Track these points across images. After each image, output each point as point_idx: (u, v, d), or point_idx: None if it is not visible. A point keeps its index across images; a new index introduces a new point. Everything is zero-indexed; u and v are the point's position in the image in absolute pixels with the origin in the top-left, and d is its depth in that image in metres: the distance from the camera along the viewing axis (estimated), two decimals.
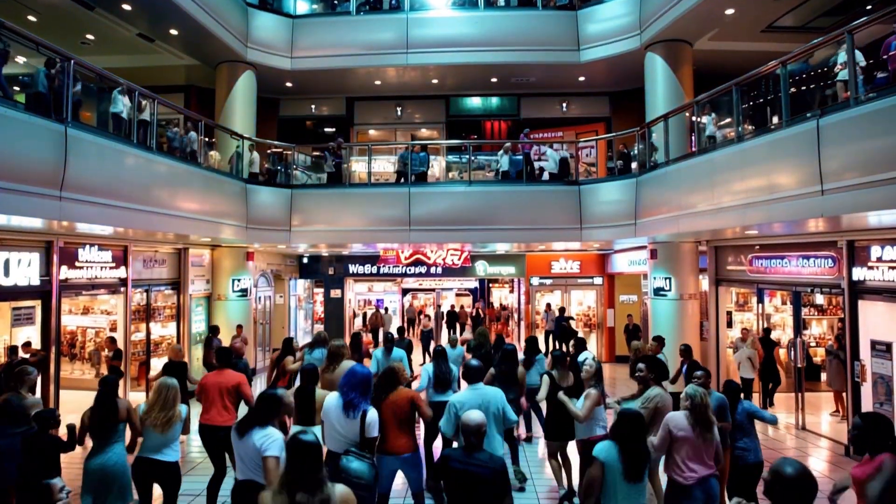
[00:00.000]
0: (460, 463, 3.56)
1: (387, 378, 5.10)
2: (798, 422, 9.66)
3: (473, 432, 3.70)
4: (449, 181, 13.72)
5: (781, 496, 2.48)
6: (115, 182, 8.11)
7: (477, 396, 5.06)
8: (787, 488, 2.46)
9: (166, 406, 4.97)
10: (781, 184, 7.32)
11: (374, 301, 24.09)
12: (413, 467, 5.03)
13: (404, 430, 4.99)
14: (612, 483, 3.66)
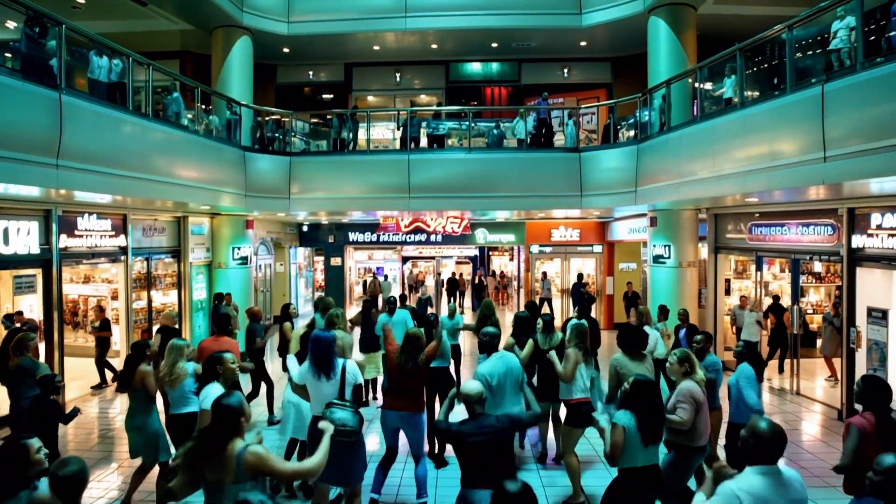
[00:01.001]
0: (475, 435, 3.72)
1: (413, 343, 5.27)
2: (792, 387, 9.80)
3: (476, 401, 3.86)
4: (448, 148, 13.61)
5: (753, 448, 2.74)
6: (111, 150, 8.05)
7: (502, 364, 5.22)
8: (759, 440, 2.73)
9: (167, 364, 5.27)
10: (783, 151, 7.27)
11: (374, 269, 24.19)
12: (412, 428, 5.21)
13: (409, 391, 5.20)
14: (632, 446, 3.78)
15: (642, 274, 15.99)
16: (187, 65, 15.01)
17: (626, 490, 3.90)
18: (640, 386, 3.89)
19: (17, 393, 5.88)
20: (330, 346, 4.72)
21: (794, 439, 7.62)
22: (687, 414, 4.37)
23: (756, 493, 2.62)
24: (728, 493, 2.63)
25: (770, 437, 2.72)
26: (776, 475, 2.70)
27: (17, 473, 2.85)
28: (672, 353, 4.82)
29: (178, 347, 5.34)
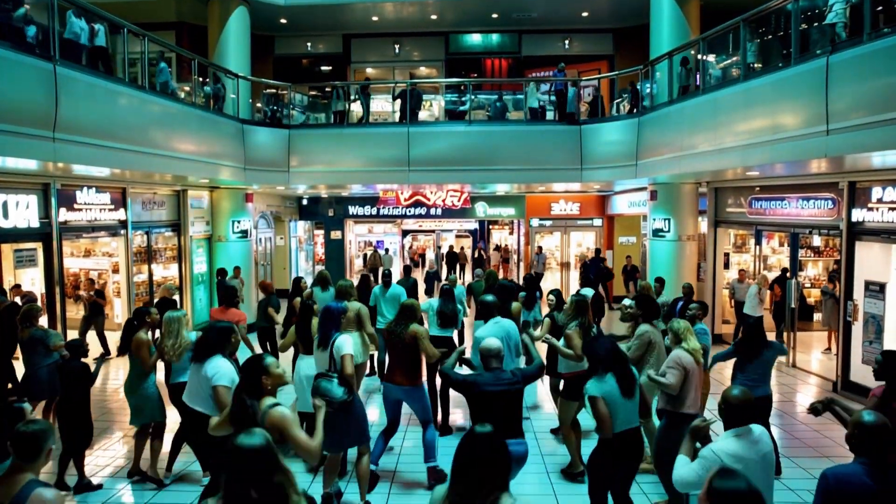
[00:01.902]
0: (492, 385, 3.94)
1: (406, 313, 5.39)
2: (789, 359, 9.90)
3: (494, 356, 4.09)
4: (448, 121, 13.48)
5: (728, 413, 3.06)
6: (109, 122, 7.98)
7: (499, 329, 5.41)
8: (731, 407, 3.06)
9: (171, 335, 5.29)
10: (786, 124, 7.22)
11: (374, 242, 24.20)
12: (415, 400, 5.35)
13: (407, 363, 5.30)
14: (613, 408, 3.91)
15: (642, 248, 16.00)
16: (183, 36, 14.77)
17: (607, 455, 4.00)
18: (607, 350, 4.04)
19: (32, 362, 6.15)
20: (335, 318, 4.88)
21: (788, 411, 7.74)
22: (674, 377, 4.53)
23: (733, 452, 2.92)
24: (709, 455, 2.94)
25: (740, 402, 3.04)
26: (748, 434, 3.01)
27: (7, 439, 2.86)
28: (670, 324, 4.95)
29: (179, 318, 5.39)
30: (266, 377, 3.25)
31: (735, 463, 2.83)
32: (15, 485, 2.57)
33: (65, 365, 5.43)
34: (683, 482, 3.02)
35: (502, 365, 4.16)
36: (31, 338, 6.15)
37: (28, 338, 6.17)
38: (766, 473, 2.98)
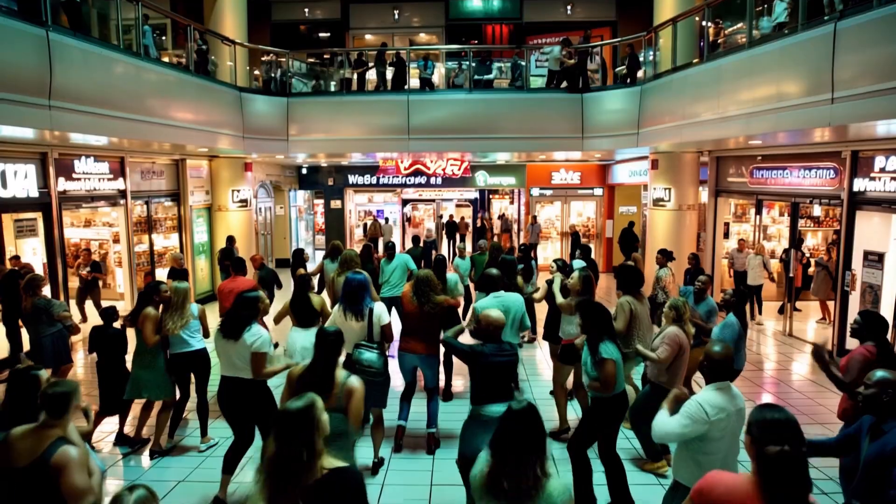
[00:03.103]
0: (494, 356, 4.10)
1: (426, 285, 5.41)
2: (785, 328, 10.00)
3: (499, 326, 4.20)
4: (448, 89, 13.32)
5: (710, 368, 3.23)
6: (105, 90, 7.89)
7: (498, 303, 5.46)
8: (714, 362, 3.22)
9: (176, 307, 5.34)
10: (790, 92, 7.14)
11: (374, 212, 24.13)
12: (429, 367, 5.51)
13: (426, 332, 5.42)
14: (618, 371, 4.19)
15: (642, 217, 15.99)
16: (178, 1, 14.48)
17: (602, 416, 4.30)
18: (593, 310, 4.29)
19: (36, 331, 6.20)
20: (360, 287, 4.99)
21: (784, 379, 7.85)
22: (665, 353, 4.69)
23: (715, 403, 3.10)
24: (694, 405, 3.12)
25: (722, 357, 3.21)
26: (728, 389, 3.20)
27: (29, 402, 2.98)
28: (670, 300, 5.02)
29: (186, 291, 5.43)
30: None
31: (718, 413, 3.04)
32: (43, 440, 2.72)
33: (101, 331, 5.54)
34: (664, 434, 3.22)
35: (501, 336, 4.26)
36: (35, 307, 6.20)
37: (31, 307, 6.23)
38: (741, 425, 3.12)
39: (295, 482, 2.19)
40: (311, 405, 2.35)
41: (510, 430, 2.37)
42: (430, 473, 5.17)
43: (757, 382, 7.63)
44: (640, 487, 4.84)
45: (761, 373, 8.07)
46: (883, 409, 2.87)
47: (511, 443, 2.34)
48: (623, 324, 5.47)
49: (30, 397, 2.98)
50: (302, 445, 2.23)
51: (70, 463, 2.66)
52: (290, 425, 2.26)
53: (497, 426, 2.44)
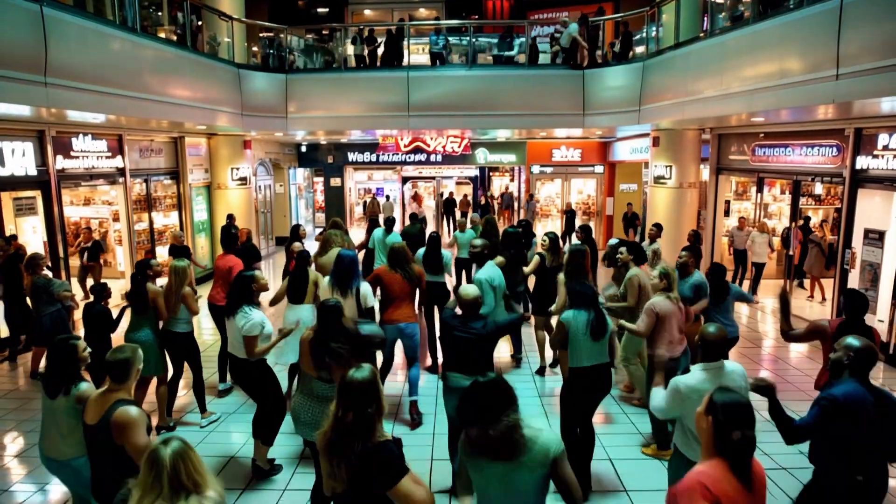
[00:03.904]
0: (459, 330, 4.19)
1: (398, 256, 5.67)
2: None
3: (470, 304, 4.23)
4: (448, 65, 13.16)
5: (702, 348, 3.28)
6: (102, 67, 7.81)
7: (496, 273, 5.77)
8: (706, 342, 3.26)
9: (177, 286, 5.40)
10: (794, 68, 7.06)
11: (374, 189, 24.05)
12: (409, 336, 5.65)
13: (404, 303, 5.62)
14: (576, 341, 4.24)
15: (643, 195, 15.95)
16: None
17: (574, 389, 4.35)
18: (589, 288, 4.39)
19: (37, 310, 6.23)
20: (352, 264, 5.14)
21: (781, 356, 7.91)
22: (643, 325, 4.76)
23: (692, 384, 3.15)
24: (672, 386, 3.21)
25: (715, 338, 3.25)
26: (717, 370, 3.23)
27: (70, 369, 3.30)
28: (660, 267, 5.01)
29: (185, 269, 5.46)
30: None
31: (691, 393, 3.10)
32: (106, 403, 2.98)
33: (86, 308, 5.53)
34: (655, 407, 3.33)
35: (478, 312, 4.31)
36: (35, 285, 6.23)
37: (32, 285, 6.25)
38: None
39: (359, 444, 2.29)
40: (374, 374, 2.45)
41: (472, 401, 2.42)
42: (430, 448, 5.23)
43: (754, 359, 7.69)
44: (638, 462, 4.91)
45: (758, 350, 8.12)
46: (843, 372, 3.06)
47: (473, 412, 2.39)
48: (633, 300, 5.52)
49: (68, 363, 3.28)
50: (370, 411, 2.34)
51: (130, 422, 2.88)
52: (359, 394, 2.34)
53: (460, 396, 2.51)
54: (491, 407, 2.37)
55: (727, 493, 2.14)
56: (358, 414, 2.31)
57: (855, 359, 3.02)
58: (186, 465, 2.09)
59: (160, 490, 2.03)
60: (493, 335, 4.30)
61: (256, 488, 4.60)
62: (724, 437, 2.17)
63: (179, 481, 2.06)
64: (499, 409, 2.36)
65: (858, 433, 2.94)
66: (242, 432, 5.30)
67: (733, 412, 2.18)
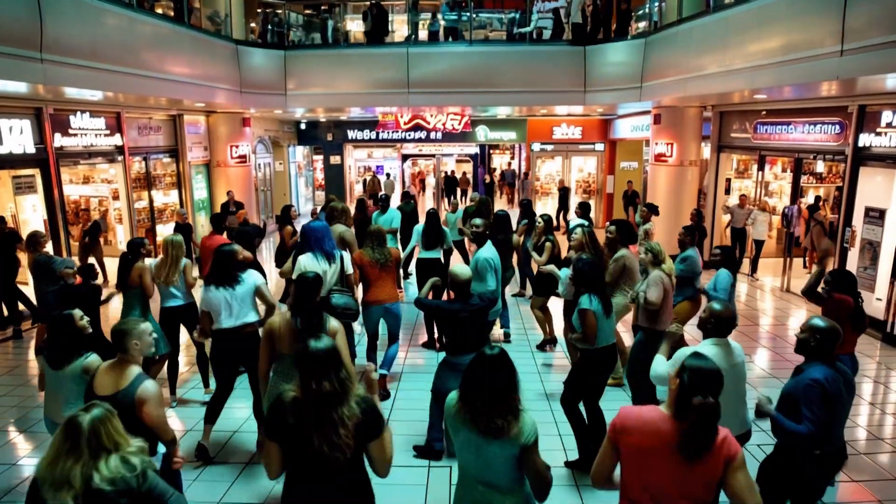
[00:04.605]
0: (465, 312, 4.33)
1: (373, 237, 5.76)
2: (783, 284, 10.07)
3: (462, 284, 4.39)
4: (448, 41, 13.00)
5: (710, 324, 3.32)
6: (98, 44, 7.73)
7: (493, 252, 5.82)
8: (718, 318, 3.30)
9: (173, 260, 5.38)
10: (798, 44, 6.99)
11: (374, 167, 23.96)
12: (392, 315, 5.76)
13: (386, 283, 5.71)
14: (599, 323, 4.29)
15: (644, 173, 15.88)
16: None
17: (592, 371, 4.42)
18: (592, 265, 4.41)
19: (39, 288, 6.23)
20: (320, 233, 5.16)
21: (781, 334, 7.96)
22: (656, 294, 4.83)
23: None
24: (678, 358, 3.17)
25: (724, 315, 3.29)
26: (725, 346, 3.28)
27: (70, 340, 3.37)
28: (646, 244, 5.16)
29: (180, 243, 5.44)
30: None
31: None
32: (125, 376, 3.05)
33: (70, 288, 5.49)
34: (659, 377, 3.34)
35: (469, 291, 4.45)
36: (37, 263, 6.22)
37: (34, 263, 6.25)
38: (735, 383, 3.19)
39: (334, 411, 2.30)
40: (333, 343, 2.45)
41: (479, 374, 2.46)
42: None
43: (753, 337, 7.74)
44: None
45: (757, 328, 8.17)
46: (809, 352, 3.10)
47: (479, 386, 2.44)
48: (612, 277, 5.55)
49: (69, 334, 3.37)
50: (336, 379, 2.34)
51: (151, 398, 2.99)
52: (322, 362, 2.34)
53: (466, 369, 2.54)
54: (499, 384, 2.43)
55: (630, 428, 2.24)
56: (333, 380, 2.31)
57: (822, 340, 3.06)
58: (107, 428, 2.12)
59: (79, 455, 2.06)
60: (487, 307, 4.48)
61: (260, 464, 4.67)
62: (685, 401, 2.18)
63: (100, 444, 2.09)
64: (506, 388, 2.43)
65: (832, 412, 3.01)
66: (245, 408, 5.35)
67: (700, 377, 2.20)
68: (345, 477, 2.35)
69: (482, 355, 2.51)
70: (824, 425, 2.95)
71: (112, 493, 2.03)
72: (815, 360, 3.07)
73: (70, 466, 2.05)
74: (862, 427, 5.32)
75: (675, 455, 2.18)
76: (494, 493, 2.48)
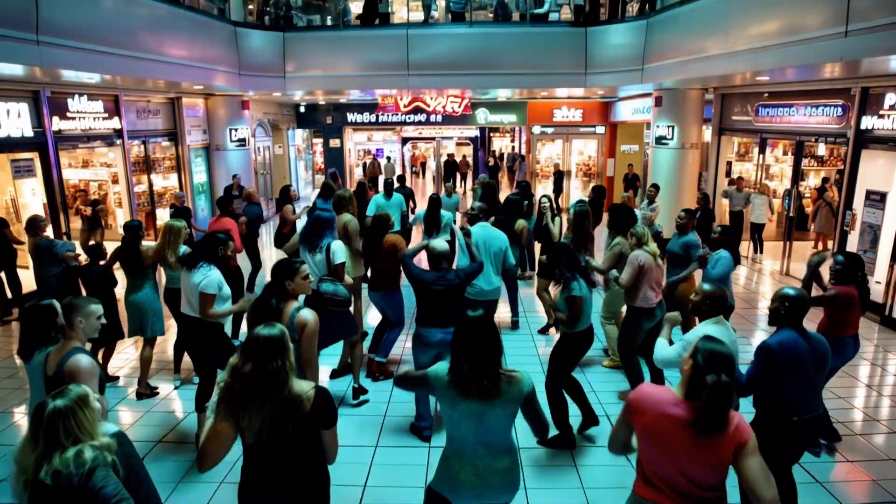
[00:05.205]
0: (436, 284, 4.48)
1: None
2: (783, 268, 10.08)
3: (437, 257, 4.53)
4: (448, 23, 12.88)
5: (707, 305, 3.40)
6: (95, 25, 7.66)
7: (483, 232, 5.75)
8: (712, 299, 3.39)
9: (174, 245, 5.30)
10: (802, 25, 6.93)
11: (374, 151, 23.86)
12: (389, 304, 5.73)
13: (387, 271, 5.65)
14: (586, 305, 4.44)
15: (644, 157, 15.83)
16: None
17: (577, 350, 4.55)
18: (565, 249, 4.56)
19: (41, 271, 6.21)
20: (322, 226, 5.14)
21: None
22: (626, 275, 4.94)
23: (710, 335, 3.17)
24: (690, 335, 3.32)
25: (720, 295, 3.41)
26: (723, 323, 3.40)
27: (40, 331, 3.21)
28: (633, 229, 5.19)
29: (180, 229, 5.40)
30: (290, 282, 3.50)
31: None
32: (61, 354, 2.96)
33: (84, 269, 5.52)
34: (664, 360, 3.39)
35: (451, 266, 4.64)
36: (37, 247, 6.20)
37: (34, 247, 6.24)
38: None
39: (267, 398, 2.31)
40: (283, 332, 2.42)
41: (465, 334, 2.56)
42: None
43: (751, 320, 7.77)
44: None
45: (755, 311, 8.20)
46: (779, 320, 3.27)
47: (472, 350, 2.52)
48: (608, 264, 5.55)
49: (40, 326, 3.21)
50: (276, 367, 2.33)
51: (80, 371, 2.83)
52: (262, 349, 2.33)
53: (455, 331, 2.63)
54: (485, 347, 2.52)
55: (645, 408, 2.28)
56: (258, 368, 2.31)
57: (790, 308, 3.21)
58: (66, 421, 2.06)
59: (36, 444, 2.05)
60: (464, 283, 4.61)
61: None
62: (699, 381, 2.22)
63: (54, 437, 2.05)
64: (492, 353, 2.53)
65: (793, 378, 3.16)
66: None
67: (714, 359, 2.24)
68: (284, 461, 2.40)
69: (468, 319, 2.59)
70: (764, 386, 3.17)
71: (52, 486, 2.01)
72: (783, 327, 3.23)
73: (28, 453, 2.06)
74: (858, 409, 5.37)
75: (685, 436, 2.20)
76: (495, 454, 2.59)
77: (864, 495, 4.09)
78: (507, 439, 2.63)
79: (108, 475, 2.08)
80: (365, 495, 4.02)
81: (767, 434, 3.18)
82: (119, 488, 2.08)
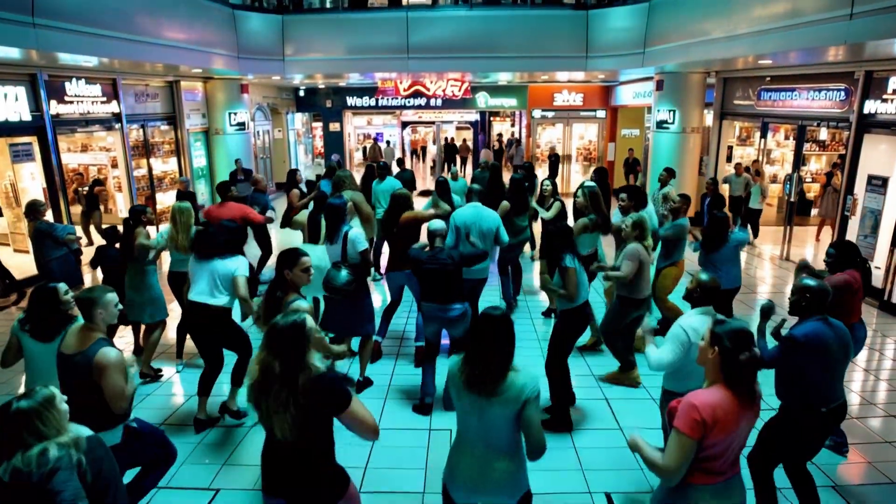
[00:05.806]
0: (429, 263, 4.67)
1: (396, 203, 5.78)
2: (783, 253, 10.08)
3: (433, 234, 4.77)
4: (448, 5, 12.76)
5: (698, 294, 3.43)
6: (92, 8, 7.60)
7: (473, 211, 5.84)
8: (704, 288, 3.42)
9: (182, 227, 5.33)
10: (805, 7, 6.86)
11: (374, 135, 23.76)
12: (415, 283, 5.61)
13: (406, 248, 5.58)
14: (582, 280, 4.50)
15: (645, 141, 15.75)
16: None
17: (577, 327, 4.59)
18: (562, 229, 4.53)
19: (42, 255, 6.20)
20: (340, 213, 5.04)
21: (779, 303, 8.00)
22: (628, 269, 4.90)
23: (694, 326, 3.28)
24: (677, 329, 3.32)
25: (713, 285, 3.43)
26: (711, 313, 3.38)
27: (54, 313, 3.29)
28: (627, 218, 5.18)
29: (189, 210, 5.40)
30: (289, 272, 3.58)
31: (697, 337, 3.13)
32: (87, 340, 2.99)
33: (103, 250, 5.55)
34: (662, 364, 3.33)
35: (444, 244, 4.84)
36: (37, 231, 6.19)
37: (34, 231, 6.23)
38: None
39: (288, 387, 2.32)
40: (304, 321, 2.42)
41: (481, 329, 2.55)
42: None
43: (751, 305, 7.79)
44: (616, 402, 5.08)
45: (755, 296, 8.22)
46: (801, 311, 3.31)
47: (479, 340, 2.53)
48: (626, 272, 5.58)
49: (56, 307, 3.29)
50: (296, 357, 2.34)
51: (109, 364, 2.90)
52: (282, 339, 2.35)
53: (472, 325, 2.70)
54: (490, 345, 2.50)
55: (718, 416, 2.26)
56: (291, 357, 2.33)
57: (811, 299, 3.26)
58: (31, 422, 2.06)
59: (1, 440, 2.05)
60: (459, 264, 4.75)
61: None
62: (733, 362, 2.28)
63: (16, 437, 2.05)
64: (497, 352, 2.50)
65: (818, 368, 3.20)
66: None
67: (738, 337, 2.30)
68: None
69: (484, 315, 2.58)
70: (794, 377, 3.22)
71: (9, 483, 2.01)
72: (807, 318, 3.26)
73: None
74: (855, 392, 5.40)
75: (742, 415, 2.31)
76: (494, 454, 2.56)
77: (860, 477, 4.14)
78: (510, 442, 2.56)
79: (69, 479, 2.06)
80: (366, 477, 4.06)
81: (795, 428, 3.27)
82: (78, 494, 2.06)
